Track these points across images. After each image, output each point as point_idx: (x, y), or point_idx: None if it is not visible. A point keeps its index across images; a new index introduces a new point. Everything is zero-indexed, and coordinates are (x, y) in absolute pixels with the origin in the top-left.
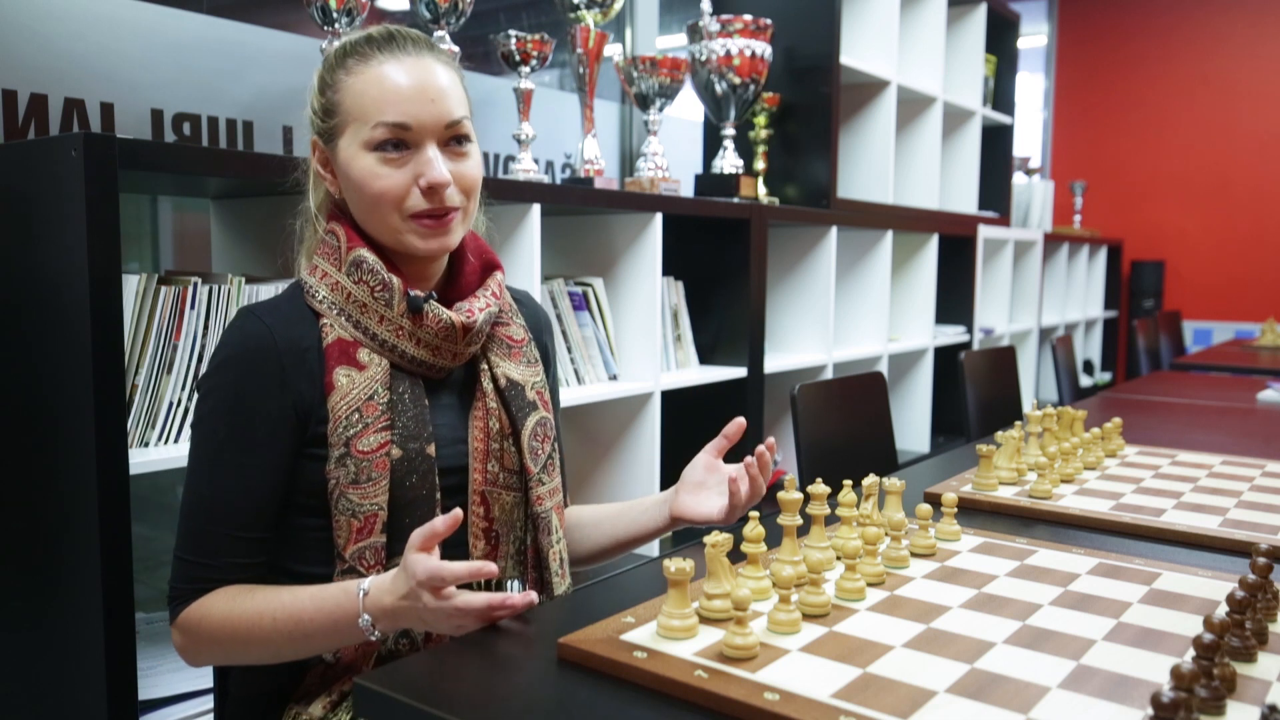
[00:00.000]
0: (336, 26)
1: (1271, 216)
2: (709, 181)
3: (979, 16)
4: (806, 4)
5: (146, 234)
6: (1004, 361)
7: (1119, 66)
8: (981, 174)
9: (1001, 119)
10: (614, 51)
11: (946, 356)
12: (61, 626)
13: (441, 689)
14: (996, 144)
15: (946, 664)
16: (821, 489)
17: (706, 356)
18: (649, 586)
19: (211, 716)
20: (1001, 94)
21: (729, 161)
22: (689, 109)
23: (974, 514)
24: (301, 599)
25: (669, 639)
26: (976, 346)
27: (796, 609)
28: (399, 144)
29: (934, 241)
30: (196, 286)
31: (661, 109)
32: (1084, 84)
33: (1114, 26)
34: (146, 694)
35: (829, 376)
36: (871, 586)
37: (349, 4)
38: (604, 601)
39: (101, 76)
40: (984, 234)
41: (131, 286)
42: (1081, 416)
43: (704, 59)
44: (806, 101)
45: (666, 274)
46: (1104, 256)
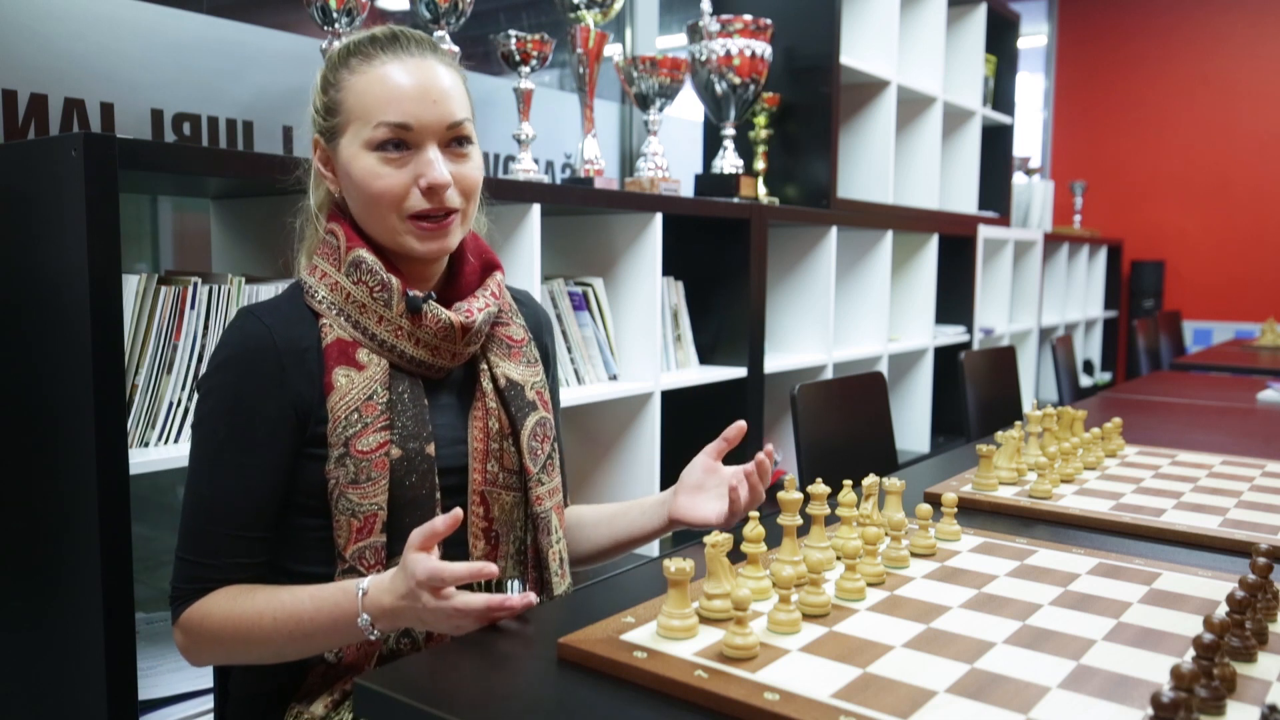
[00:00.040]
0: (336, 26)
1: (1271, 216)
2: (709, 181)
3: (979, 16)
4: (806, 4)
5: (146, 234)
6: (1004, 361)
7: (1119, 66)
8: (981, 174)
9: (1001, 119)
10: (614, 51)
11: (946, 356)
12: (61, 626)
13: (441, 689)
14: (996, 144)
15: (946, 664)
16: (821, 489)
17: (706, 356)
18: (649, 586)
19: (211, 716)
20: (1001, 94)
21: (729, 161)
22: (689, 109)
23: (974, 514)
24: (301, 598)
25: (669, 639)
26: (976, 346)
27: (796, 609)
28: (400, 144)
29: (934, 241)
30: (196, 286)
31: (661, 109)
32: (1084, 84)
33: (1114, 26)
34: (146, 694)
35: (829, 376)
36: (871, 586)
37: (349, 4)
38: (604, 601)
39: (101, 76)
40: (984, 234)
41: (131, 286)
42: (1081, 416)
43: (704, 59)
44: (806, 101)
45: (666, 274)
46: (1104, 256)
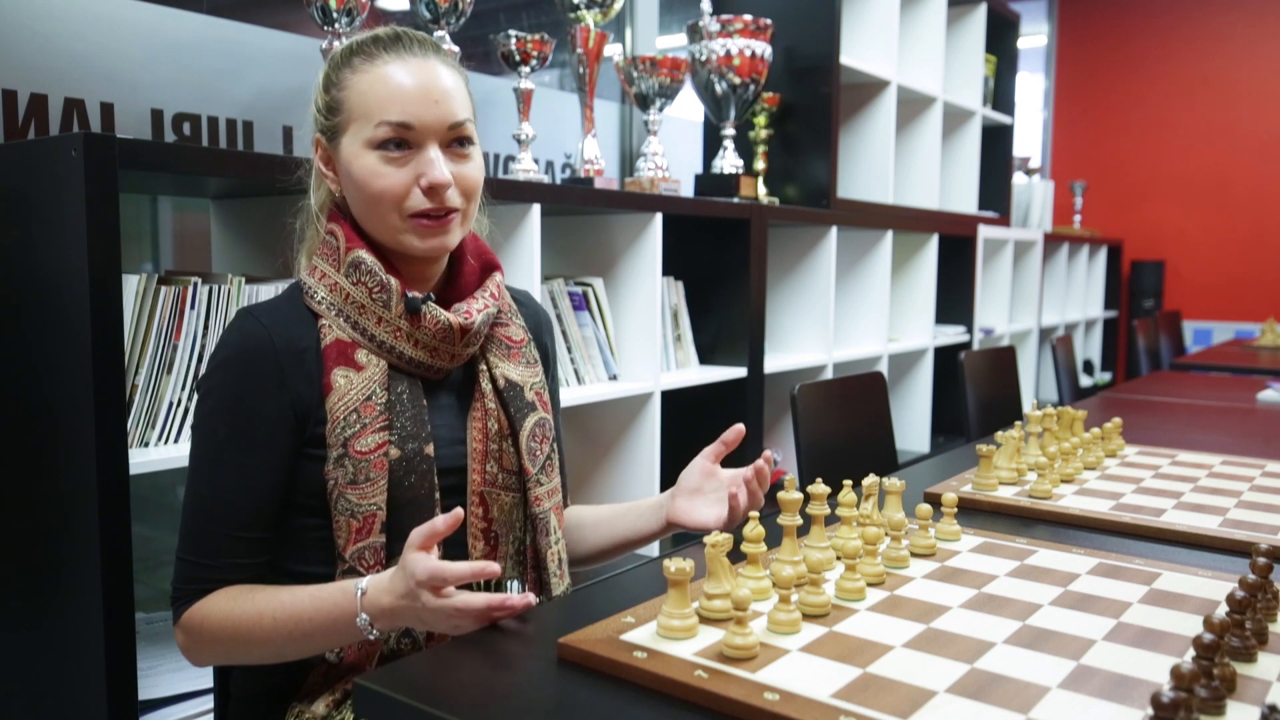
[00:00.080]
0: (336, 26)
1: (1271, 216)
2: (709, 181)
3: (979, 16)
4: (806, 4)
5: (146, 234)
6: (1004, 361)
7: (1119, 66)
8: (981, 174)
9: (1001, 119)
10: (614, 51)
11: (946, 356)
12: (61, 626)
13: (442, 689)
14: (996, 144)
15: (946, 664)
16: (821, 489)
17: (706, 356)
18: (649, 586)
19: (212, 716)
20: (1001, 94)
21: (729, 161)
22: (689, 109)
23: (974, 514)
24: (301, 598)
25: (669, 639)
26: (976, 346)
27: (796, 609)
28: (401, 143)
29: (934, 241)
30: (196, 286)
31: (661, 109)
32: (1084, 84)
33: (1114, 26)
34: (146, 694)
35: (829, 376)
36: (871, 586)
37: (349, 4)
38: (604, 601)
39: (101, 76)
40: (984, 234)
41: (131, 286)
42: (1081, 416)
43: (704, 59)
44: (806, 101)
45: (666, 274)
46: (1104, 256)
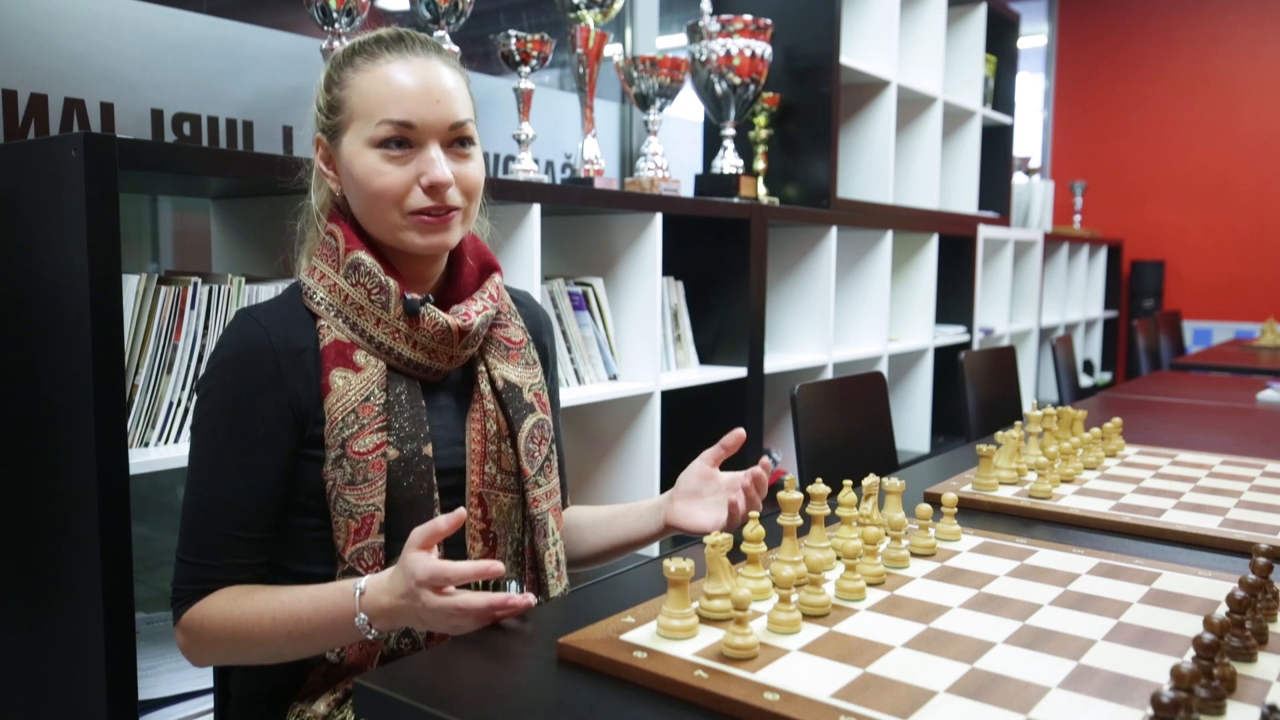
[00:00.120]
0: (336, 26)
1: (1271, 216)
2: (709, 181)
3: (979, 16)
4: (806, 4)
5: (146, 234)
6: (1004, 361)
7: (1119, 66)
8: (981, 174)
9: (1001, 119)
10: (614, 51)
11: (946, 356)
12: (61, 626)
13: (442, 689)
14: (996, 144)
15: (946, 664)
16: (821, 489)
17: (706, 356)
18: (649, 586)
19: (212, 716)
20: (1001, 94)
21: (729, 161)
22: (689, 109)
23: (974, 514)
24: (300, 598)
25: (669, 639)
26: (976, 346)
27: (796, 609)
28: (402, 142)
29: (934, 241)
30: (196, 286)
31: (661, 109)
32: (1084, 84)
33: (1114, 26)
34: (146, 694)
35: (829, 376)
36: (871, 586)
37: (349, 4)
38: (604, 601)
39: (101, 76)
40: (984, 234)
41: (131, 286)
42: (1081, 416)
43: (704, 59)
44: (806, 101)
45: (666, 274)
46: (1104, 256)
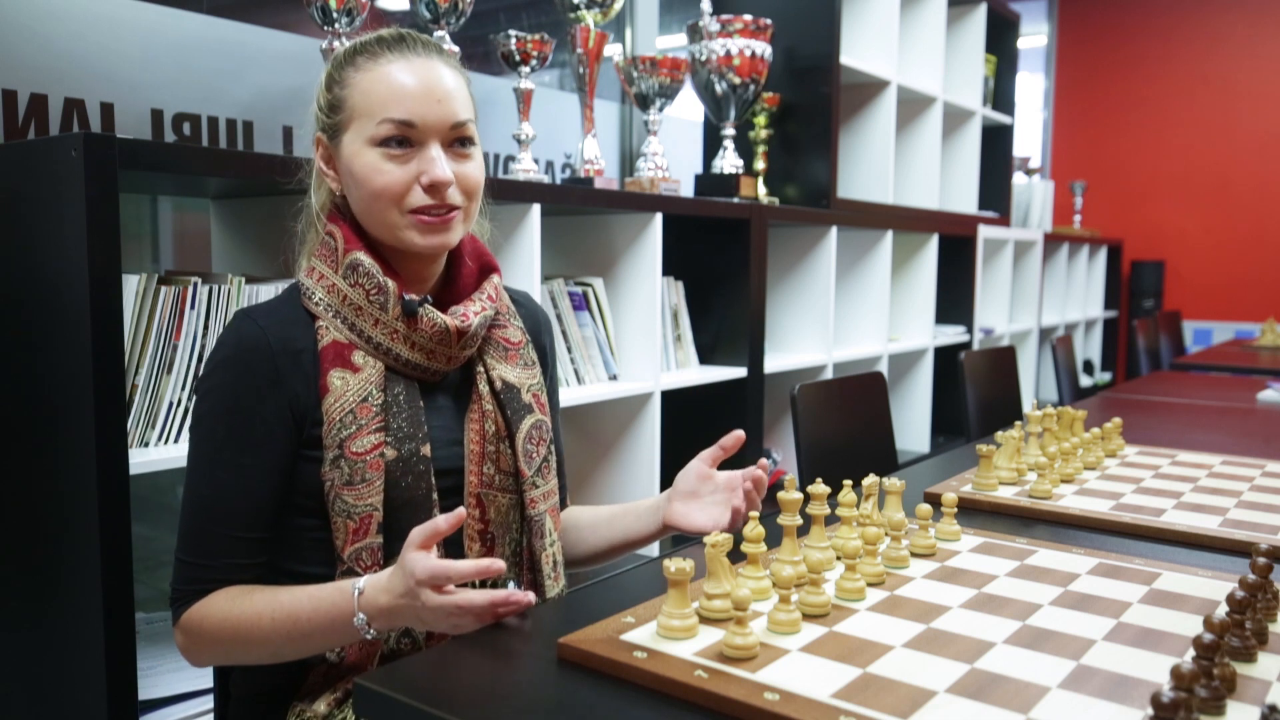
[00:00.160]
0: (336, 26)
1: (1271, 216)
2: (709, 181)
3: (979, 16)
4: (806, 4)
5: (146, 234)
6: (1004, 361)
7: (1119, 66)
8: (981, 174)
9: (1001, 119)
10: (614, 51)
11: (946, 356)
12: (61, 626)
13: (442, 689)
14: (996, 144)
15: (946, 664)
16: (821, 489)
17: (706, 356)
18: (649, 586)
19: (212, 716)
20: (1001, 94)
21: (729, 161)
22: (689, 109)
23: (974, 514)
24: (299, 598)
25: (669, 639)
26: (976, 346)
27: (796, 609)
28: (403, 141)
29: (934, 241)
30: (196, 286)
31: (661, 109)
32: (1084, 84)
33: (1114, 26)
34: (146, 694)
35: (829, 376)
36: (871, 586)
37: (349, 4)
38: (604, 601)
39: (101, 76)
40: (984, 234)
41: (131, 286)
42: (1081, 416)
43: (704, 59)
44: (806, 101)
45: (666, 274)
46: (1104, 256)
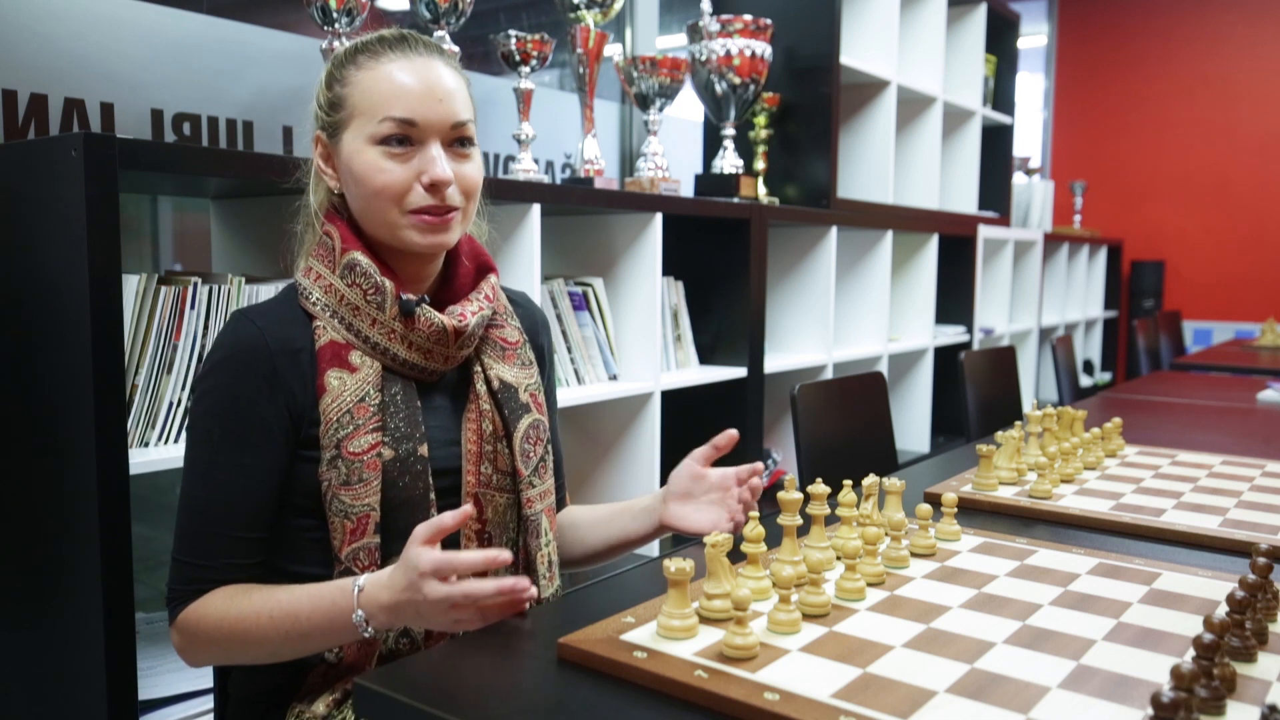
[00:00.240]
0: (336, 26)
1: (1271, 216)
2: (709, 181)
3: (979, 16)
4: (806, 4)
5: (146, 234)
6: (1004, 361)
7: (1119, 66)
8: (981, 174)
9: (1001, 119)
10: (614, 51)
11: (946, 356)
12: (61, 626)
13: (441, 689)
14: (996, 144)
15: (946, 664)
16: (821, 489)
17: (706, 356)
18: (649, 586)
19: (211, 716)
20: (1001, 94)
21: (729, 161)
22: (689, 109)
23: (974, 514)
24: (298, 597)
25: (669, 639)
26: (976, 346)
27: (796, 609)
28: (404, 140)
29: (934, 241)
30: (196, 286)
31: (661, 109)
32: (1084, 84)
33: (1114, 26)
34: (146, 694)
35: (829, 376)
36: (871, 586)
37: (349, 4)
38: (604, 601)
39: (101, 76)
40: (984, 234)
41: (131, 286)
42: (1081, 416)
43: (704, 59)
44: (806, 101)
45: (666, 274)
46: (1104, 256)
